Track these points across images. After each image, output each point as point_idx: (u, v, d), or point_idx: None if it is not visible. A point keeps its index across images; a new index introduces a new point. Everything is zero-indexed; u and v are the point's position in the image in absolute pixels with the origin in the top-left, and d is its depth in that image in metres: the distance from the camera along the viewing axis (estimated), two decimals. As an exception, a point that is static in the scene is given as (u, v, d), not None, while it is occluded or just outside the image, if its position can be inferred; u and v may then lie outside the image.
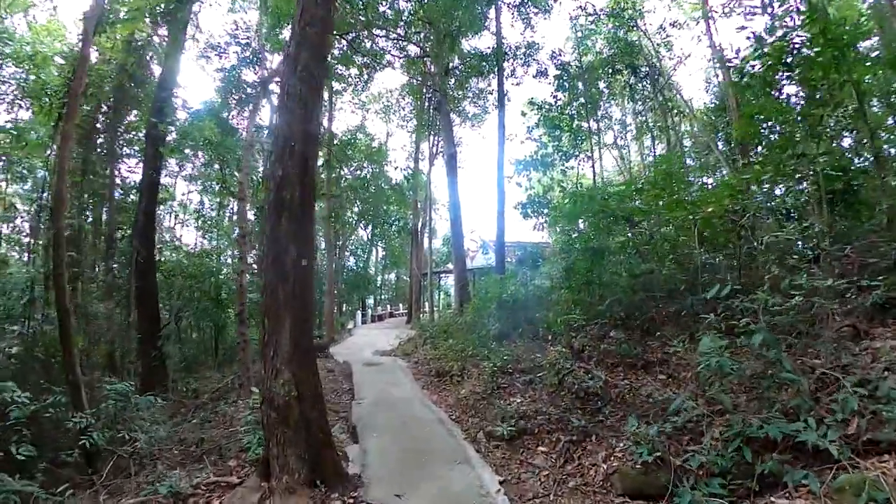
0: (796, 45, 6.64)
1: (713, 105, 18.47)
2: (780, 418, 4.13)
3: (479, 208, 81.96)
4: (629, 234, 9.45)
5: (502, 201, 17.38)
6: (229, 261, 32.55)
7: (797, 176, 6.92)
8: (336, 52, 20.99)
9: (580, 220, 9.71)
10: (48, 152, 14.22)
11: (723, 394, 4.52)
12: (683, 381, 6.64)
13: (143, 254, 12.18)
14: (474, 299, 15.46)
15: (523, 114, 21.34)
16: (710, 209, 7.38)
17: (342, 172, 27.99)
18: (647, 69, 16.67)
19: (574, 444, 5.45)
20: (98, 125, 15.07)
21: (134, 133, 16.07)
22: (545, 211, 17.29)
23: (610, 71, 17.16)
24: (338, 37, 17.37)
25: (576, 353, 8.46)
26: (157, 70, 15.45)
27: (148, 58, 15.38)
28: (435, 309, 28.36)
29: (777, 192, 7.52)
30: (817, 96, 6.76)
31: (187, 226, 24.02)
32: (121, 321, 12.21)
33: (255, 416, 6.06)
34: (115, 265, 12.71)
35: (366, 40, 20.40)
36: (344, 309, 39.19)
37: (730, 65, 7.92)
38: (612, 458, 4.98)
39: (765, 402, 4.50)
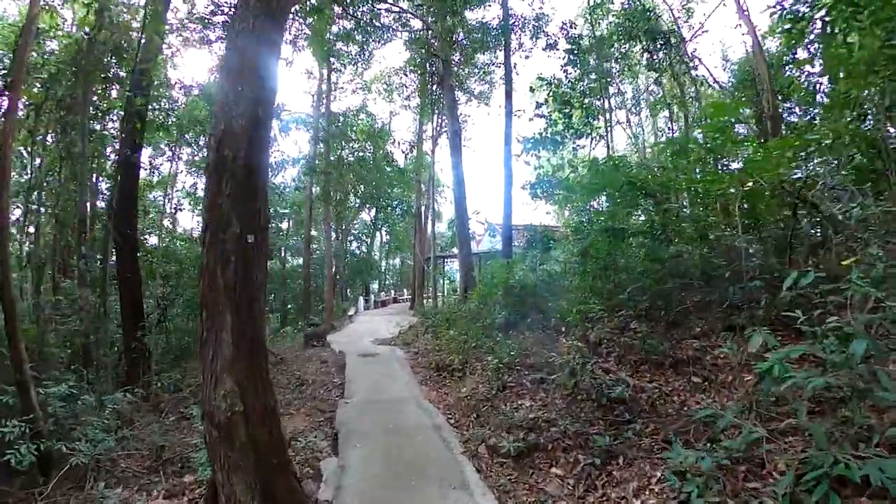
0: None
1: (730, 84, 17.24)
2: (882, 456, 3.05)
3: (486, 191, 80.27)
4: (653, 213, 8.31)
5: (509, 180, 16.22)
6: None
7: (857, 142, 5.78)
8: (336, 28, 19.89)
9: (599, 197, 8.55)
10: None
11: (810, 422, 3.39)
12: (723, 387, 5.57)
13: (119, 238, 11.22)
14: (479, 285, 14.45)
15: (532, 90, 20.14)
16: (749, 183, 6.24)
17: (342, 153, 26.94)
18: (666, 36, 15.28)
19: (596, 467, 4.39)
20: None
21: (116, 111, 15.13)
22: (555, 191, 16.18)
23: (627, 37, 15.78)
24: (335, 4, 16.17)
25: (592, 348, 7.43)
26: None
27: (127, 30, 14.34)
28: (439, 295, 27.40)
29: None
30: (893, 42, 5.56)
31: (181, 209, 23.15)
32: (96, 310, 11.27)
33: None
34: (88, 251, 11.74)
35: (365, 14, 19.23)
36: (348, 294, 38.42)
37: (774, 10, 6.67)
38: (647, 492, 3.90)
39: (850, 428, 3.41)
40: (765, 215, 7.07)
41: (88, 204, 14.45)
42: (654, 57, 15.68)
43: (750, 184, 6.36)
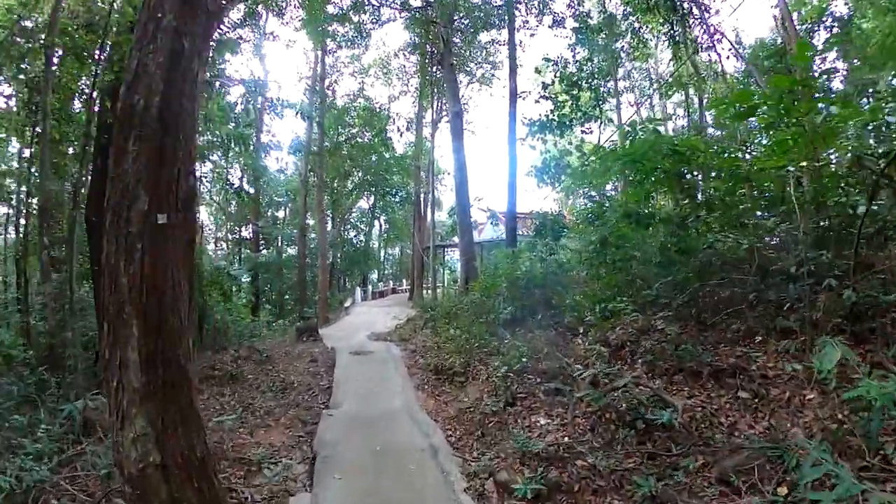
0: None
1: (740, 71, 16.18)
2: None
3: (488, 179, 78.35)
4: (681, 195, 7.23)
5: (514, 163, 15.15)
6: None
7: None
8: (331, 8, 18.72)
9: (606, 184, 7.48)
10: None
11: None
12: (780, 406, 4.53)
13: (90, 228, 10.22)
14: (481, 276, 13.43)
15: (538, 71, 19.01)
16: (810, 160, 5.16)
17: (339, 139, 25.92)
18: (688, 7, 14.06)
19: (640, 522, 3.38)
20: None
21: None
22: (562, 176, 15.14)
23: (645, 9, 14.54)
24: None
25: (613, 352, 6.42)
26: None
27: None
28: (439, 286, 26.39)
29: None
30: None
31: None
32: (62, 306, 10.27)
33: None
34: (50, 241, 10.75)
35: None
36: (346, 285, 37.40)
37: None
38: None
39: None
40: (806, 200, 5.97)
41: (73, 190, 13.51)
42: (674, 30, 14.45)
43: (809, 160, 5.30)
